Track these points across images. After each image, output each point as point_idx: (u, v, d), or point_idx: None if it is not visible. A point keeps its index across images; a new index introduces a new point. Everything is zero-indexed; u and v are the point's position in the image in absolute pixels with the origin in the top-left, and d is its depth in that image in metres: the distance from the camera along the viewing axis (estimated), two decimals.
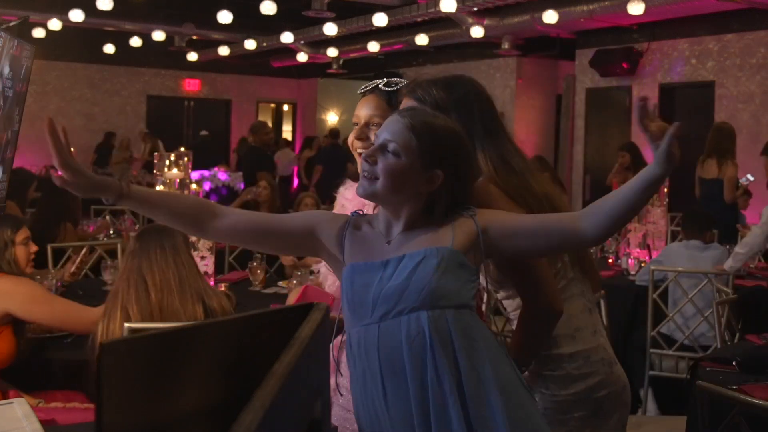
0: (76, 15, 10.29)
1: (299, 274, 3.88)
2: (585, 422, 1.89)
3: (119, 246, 4.74)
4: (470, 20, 9.73)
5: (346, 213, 1.81)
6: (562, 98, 11.48)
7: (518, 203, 1.85)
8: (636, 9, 8.05)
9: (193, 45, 13.38)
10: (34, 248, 3.26)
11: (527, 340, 1.84)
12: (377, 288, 1.60)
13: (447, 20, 10.11)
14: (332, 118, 16.27)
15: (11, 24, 3.13)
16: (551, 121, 12.07)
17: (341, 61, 13.56)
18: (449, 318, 1.57)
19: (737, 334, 3.52)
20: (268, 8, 9.36)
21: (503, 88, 11.76)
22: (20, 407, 1.98)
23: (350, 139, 2.08)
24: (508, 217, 1.68)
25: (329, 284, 2.20)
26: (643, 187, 1.55)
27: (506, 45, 10.49)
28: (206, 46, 13.48)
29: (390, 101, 2.05)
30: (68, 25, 10.86)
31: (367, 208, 1.81)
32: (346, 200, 2.14)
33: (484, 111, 1.93)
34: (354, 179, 2.12)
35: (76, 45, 13.15)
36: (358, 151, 2.04)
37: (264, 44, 12.34)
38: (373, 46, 11.70)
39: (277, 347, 0.93)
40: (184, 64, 14.08)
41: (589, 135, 10.91)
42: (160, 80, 15.04)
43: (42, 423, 1.90)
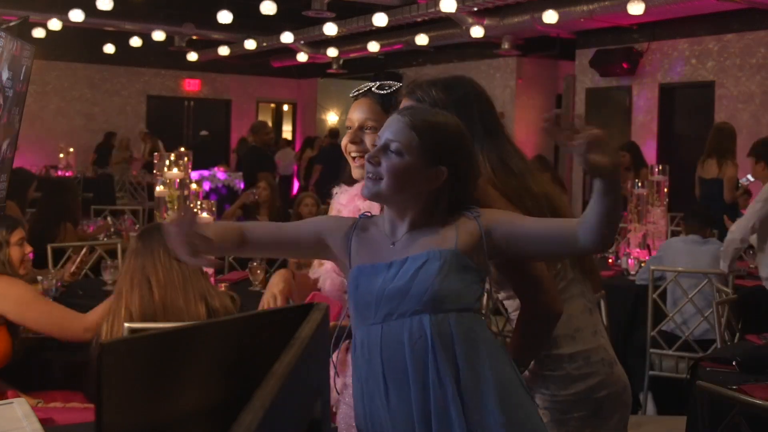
0: (76, 15, 10.29)
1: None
2: (585, 423, 1.89)
3: (119, 246, 4.74)
4: (470, 20, 9.73)
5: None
6: (562, 98, 11.48)
7: (516, 205, 1.85)
8: (636, 9, 8.05)
9: (193, 45, 13.38)
10: (29, 249, 3.24)
11: (527, 341, 1.84)
12: (380, 289, 1.61)
13: (447, 20, 10.11)
14: (332, 118, 16.26)
15: (11, 24, 3.13)
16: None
17: (341, 61, 13.56)
18: (452, 321, 1.57)
19: (737, 334, 3.51)
20: (268, 8, 9.36)
21: (503, 88, 11.76)
22: (20, 407, 1.98)
23: (344, 143, 2.06)
24: (512, 220, 1.68)
25: (327, 288, 2.18)
26: (601, 199, 1.51)
27: (506, 45, 10.49)
28: (206, 46, 13.48)
29: (383, 104, 2.02)
30: (68, 25, 10.86)
31: (374, 209, 1.80)
32: (341, 205, 2.10)
33: (484, 112, 1.93)
34: (348, 183, 2.11)
35: (76, 45, 13.16)
36: (353, 155, 2.03)
37: (264, 44, 12.33)
38: (373, 46, 11.70)
39: (277, 347, 0.93)
40: (184, 64, 14.08)
41: None
42: (160, 80, 15.04)
43: (41, 423, 1.90)
